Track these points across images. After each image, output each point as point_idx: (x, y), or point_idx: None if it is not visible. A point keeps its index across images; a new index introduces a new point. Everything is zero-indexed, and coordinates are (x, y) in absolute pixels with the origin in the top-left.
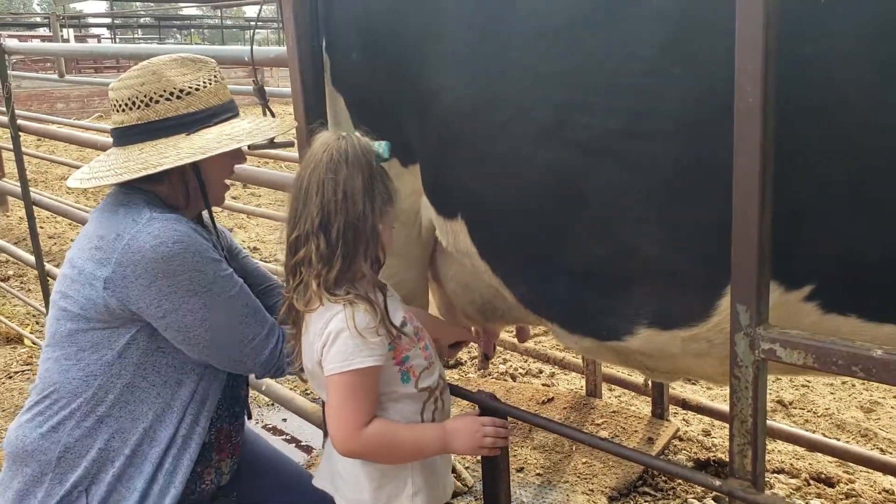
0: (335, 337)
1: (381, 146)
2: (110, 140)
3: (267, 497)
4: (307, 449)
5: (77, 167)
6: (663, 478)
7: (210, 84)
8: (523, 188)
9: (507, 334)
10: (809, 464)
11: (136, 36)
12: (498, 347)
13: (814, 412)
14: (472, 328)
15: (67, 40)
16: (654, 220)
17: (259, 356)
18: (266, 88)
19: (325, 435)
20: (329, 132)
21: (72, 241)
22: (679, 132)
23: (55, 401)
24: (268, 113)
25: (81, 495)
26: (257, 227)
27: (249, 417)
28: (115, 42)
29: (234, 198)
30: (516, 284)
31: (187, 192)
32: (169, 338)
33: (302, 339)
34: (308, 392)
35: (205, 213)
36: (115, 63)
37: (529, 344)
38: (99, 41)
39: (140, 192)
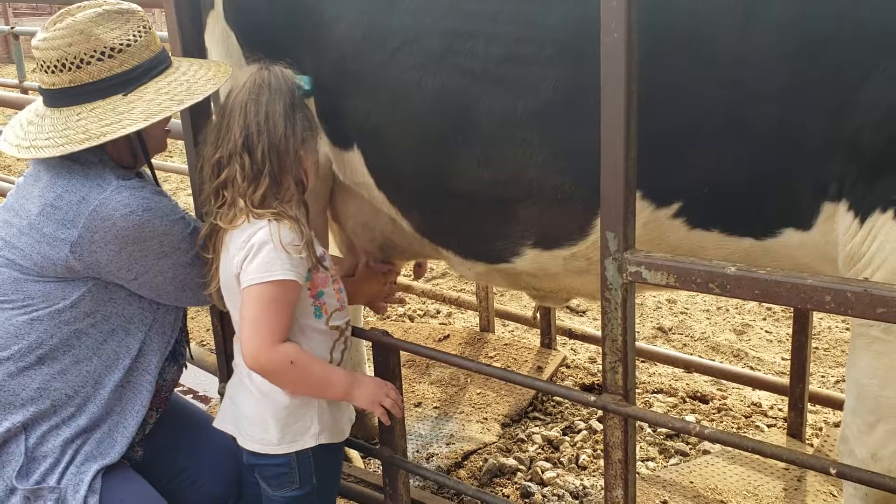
0: (258, 249)
1: (303, 79)
2: None
3: (182, 449)
4: (205, 399)
5: None
6: (552, 403)
7: (141, 37)
8: (413, 114)
9: (405, 278)
10: (686, 384)
11: None
12: (397, 291)
13: (691, 336)
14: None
15: None
16: (536, 144)
17: None
18: None
19: (223, 380)
20: (256, 66)
21: None
22: (557, 57)
23: None
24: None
25: (19, 432)
26: None
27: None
28: None
29: None
30: (412, 213)
31: (133, 150)
32: (140, 294)
33: (221, 257)
34: (204, 342)
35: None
36: None
37: (427, 286)
38: None
39: (91, 150)
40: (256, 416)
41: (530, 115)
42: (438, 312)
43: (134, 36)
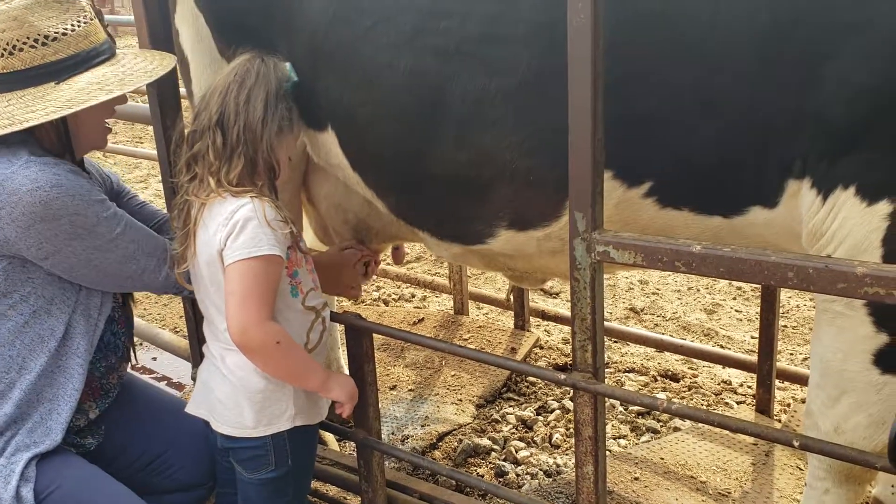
0: (243, 225)
1: (293, 72)
2: None
3: (152, 439)
4: (179, 386)
5: None
6: (526, 383)
7: (79, 26)
8: (387, 94)
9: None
10: (658, 363)
11: None
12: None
13: (663, 316)
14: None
15: None
16: (510, 124)
17: (153, 283)
18: (119, 17)
19: (195, 365)
20: (251, 53)
21: None
22: (530, 37)
23: None
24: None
25: None
26: (114, 166)
27: (128, 361)
28: None
29: None
30: (387, 194)
31: (62, 139)
32: (57, 274)
33: (198, 236)
34: (177, 329)
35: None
36: None
37: (401, 270)
38: None
39: (17, 132)
40: (230, 399)
41: (504, 95)
42: (413, 296)
43: (72, 25)
